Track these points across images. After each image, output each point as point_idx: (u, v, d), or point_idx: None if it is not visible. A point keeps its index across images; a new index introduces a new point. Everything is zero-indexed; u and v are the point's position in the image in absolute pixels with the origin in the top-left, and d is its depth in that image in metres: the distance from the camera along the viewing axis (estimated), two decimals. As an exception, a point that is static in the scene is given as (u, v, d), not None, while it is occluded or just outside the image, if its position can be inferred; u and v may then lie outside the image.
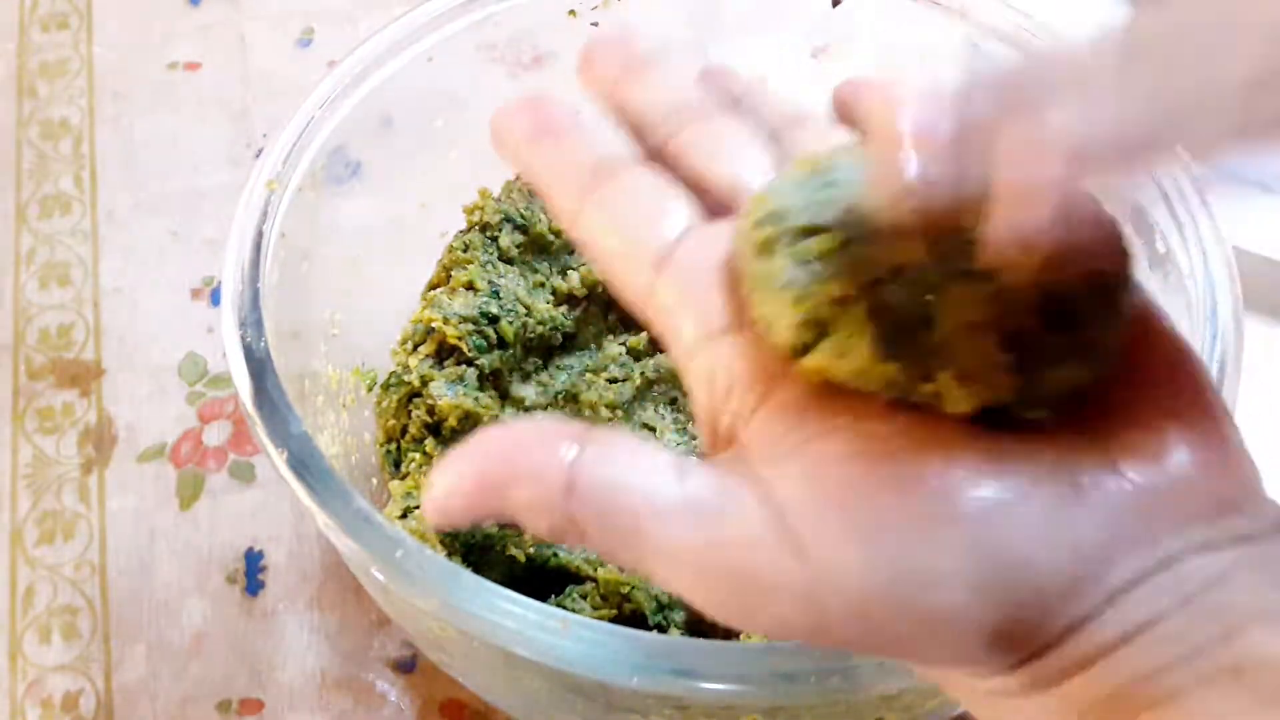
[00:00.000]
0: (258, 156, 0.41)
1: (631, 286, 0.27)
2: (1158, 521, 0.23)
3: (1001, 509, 0.22)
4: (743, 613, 0.23)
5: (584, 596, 0.41)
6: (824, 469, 0.23)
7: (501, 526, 0.42)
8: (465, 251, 0.48)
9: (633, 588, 0.41)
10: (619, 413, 0.46)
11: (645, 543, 0.23)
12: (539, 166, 0.29)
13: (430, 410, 0.44)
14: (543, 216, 0.48)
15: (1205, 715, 0.21)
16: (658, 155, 0.29)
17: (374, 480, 0.46)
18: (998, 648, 0.23)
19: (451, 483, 0.24)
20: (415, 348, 0.46)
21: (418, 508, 0.41)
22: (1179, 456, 0.23)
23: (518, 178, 0.49)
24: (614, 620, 0.40)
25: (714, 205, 0.28)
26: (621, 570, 0.41)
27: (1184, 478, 0.23)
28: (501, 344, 0.46)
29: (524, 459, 0.24)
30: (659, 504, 0.23)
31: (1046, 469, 0.23)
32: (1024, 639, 0.23)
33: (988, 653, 0.23)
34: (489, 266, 0.47)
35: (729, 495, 0.24)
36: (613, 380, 0.47)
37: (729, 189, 0.28)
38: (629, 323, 0.49)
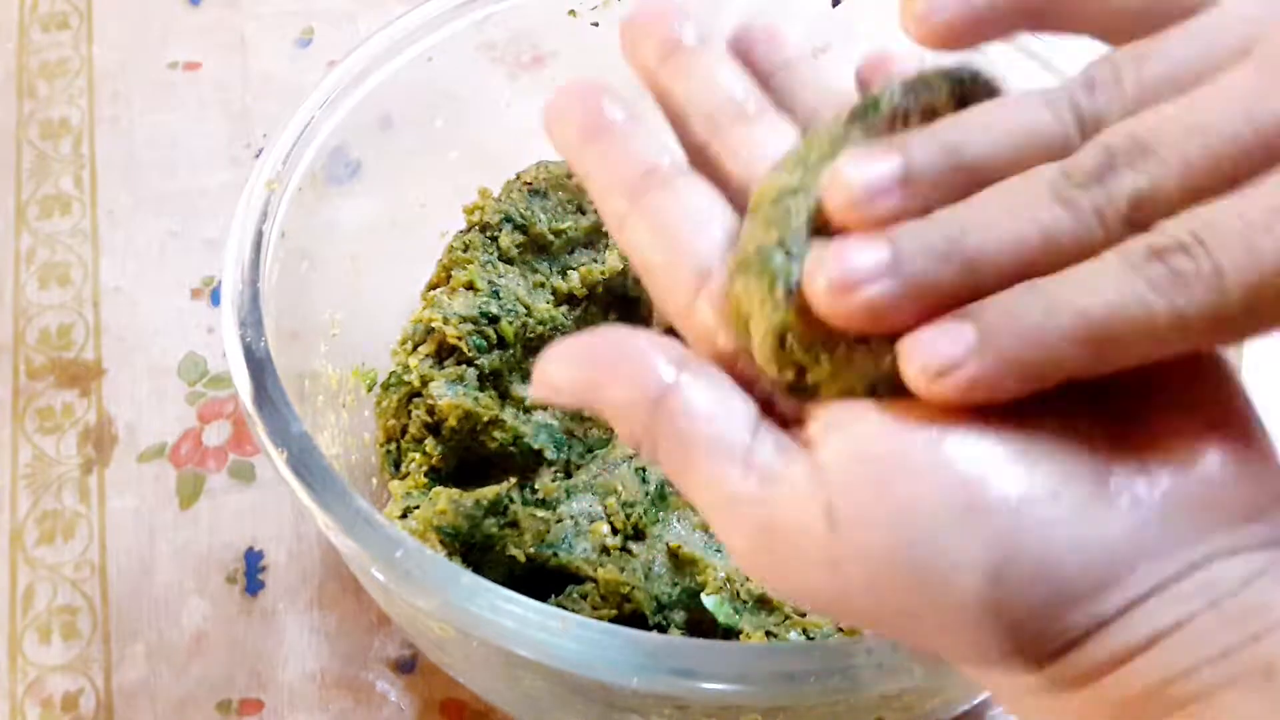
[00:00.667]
0: (258, 156, 0.41)
1: (672, 302, 0.27)
2: (1186, 525, 0.23)
3: (1031, 504, 0.23)
4: (773, 570, 0.25)
5: (584, 596, 0.41)
6: (867, 444, 0.24)
7: (501, 527, 0.42)
8: (465, 251, 0.48)
9: (633, 588, 0.41)
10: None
11: (701, 478, 0.25)
12: (589, 165, 0.29)
13: (430, 410, 0.44)
14: (542, 217, 0.48)
15: (1235, 716, 0.21)
16: (699, 153, 0.29)
17: (374, 480, 0.46)
18: (1014, 643, 0.23)
19: (561, 372, 0.26)
20: (415, 348, 0.46)
21: (418, 507, 0.41)
22: (1210, 461, 0.23)
23: (518, 177, 0.49)
24: (614, 620, 0.40)
25: None
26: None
27: (1214, 482, 0.23)
28: (501, 344, 0.46)
29: (627, 366, 0.25)
30: (726, 447, 0.25)
31: (1079, 466, 0.23)
32: (1042, 637, 0.23)
33: (1003, 648, 0.23)
34: (489, 266, 0.47)
35: (788, 458, 0.24)
36: (613, 380, 0.47)
37: None
38: (629, 322, 0.49)
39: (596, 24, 0.47)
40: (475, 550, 0.41)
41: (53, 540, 0.49)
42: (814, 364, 0.25)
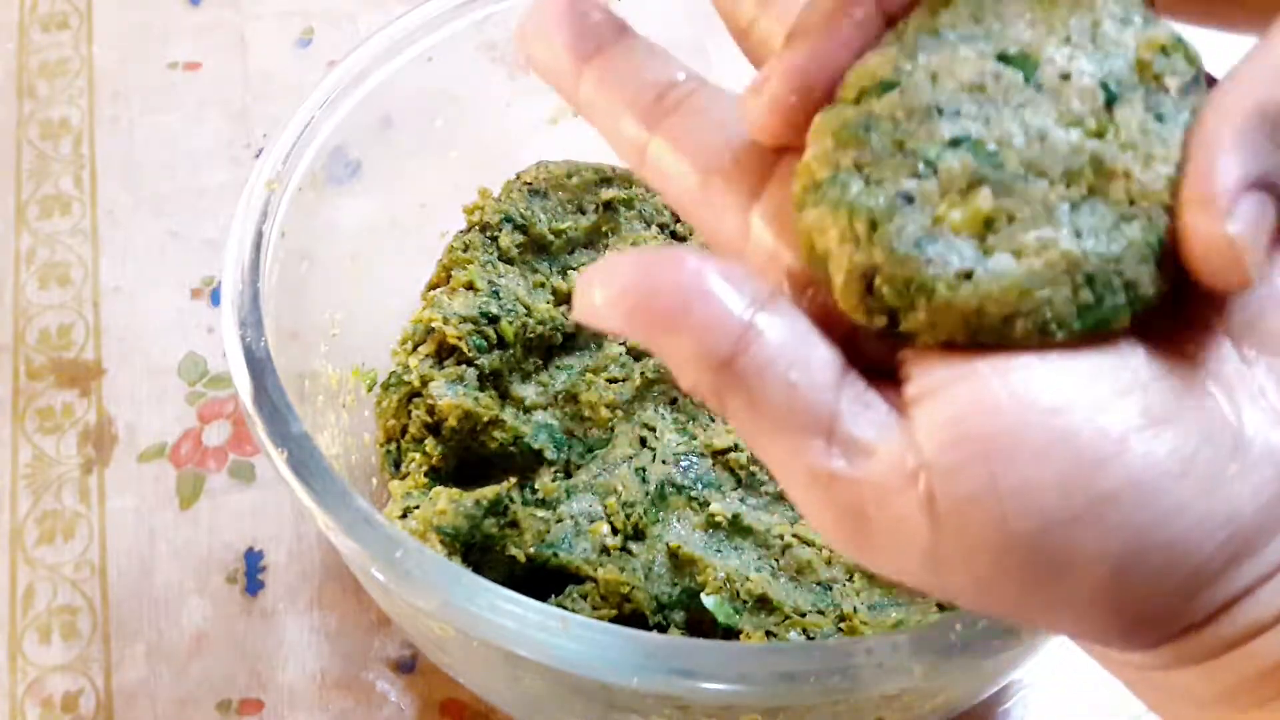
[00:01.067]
0: (258, 156, 0.41)
1: (722, 230, 0.24)
2: None
3: (1161, 486, 0.20)
4: (860, 553, 0.22)
5: (584, 596, 0.41)
6: (972, 418, 0.21)
7: (501, 527, 0.42)
8: (465, 251, 0.48)
9: (633, 588, 0.41)
10: (619, 412, 0.46)
11: (778, 448, 0.22)
12: (588, 90, 0.25)
13: (430, 410, 0.44)
14: (542, 216, 0.48)
15: None
16: (744, 37, 0.26)
17: (374, 480, 0.46)
18: (1137, 630, 0.22)
19: (610, 302, 0.22)
20: (415, 348, 0.46)
21: (418, 507, 0.41)
22: None
23: (518, 177, 0.49)
24: (614, 620, 0.40)
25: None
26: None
27: None
28: (501, 344, 0.46)
29: (699, 309, 0.21)
30: (807, 415, 0.21)
31: (1208, 432, 0.21)
32: (1168, 621, 0.22)
33: (1125, 633, 0.22)
34: (489, 266, 0.47)
35: (880, 428, 0.22)
36: (613, 380, 0.47)
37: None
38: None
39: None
40: (475, 550, 0.41)
41: (53, 540, 0.49)
42: (909, 309, 0.22)
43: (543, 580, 0.42)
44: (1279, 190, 0.21)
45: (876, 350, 0.23)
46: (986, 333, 0.22)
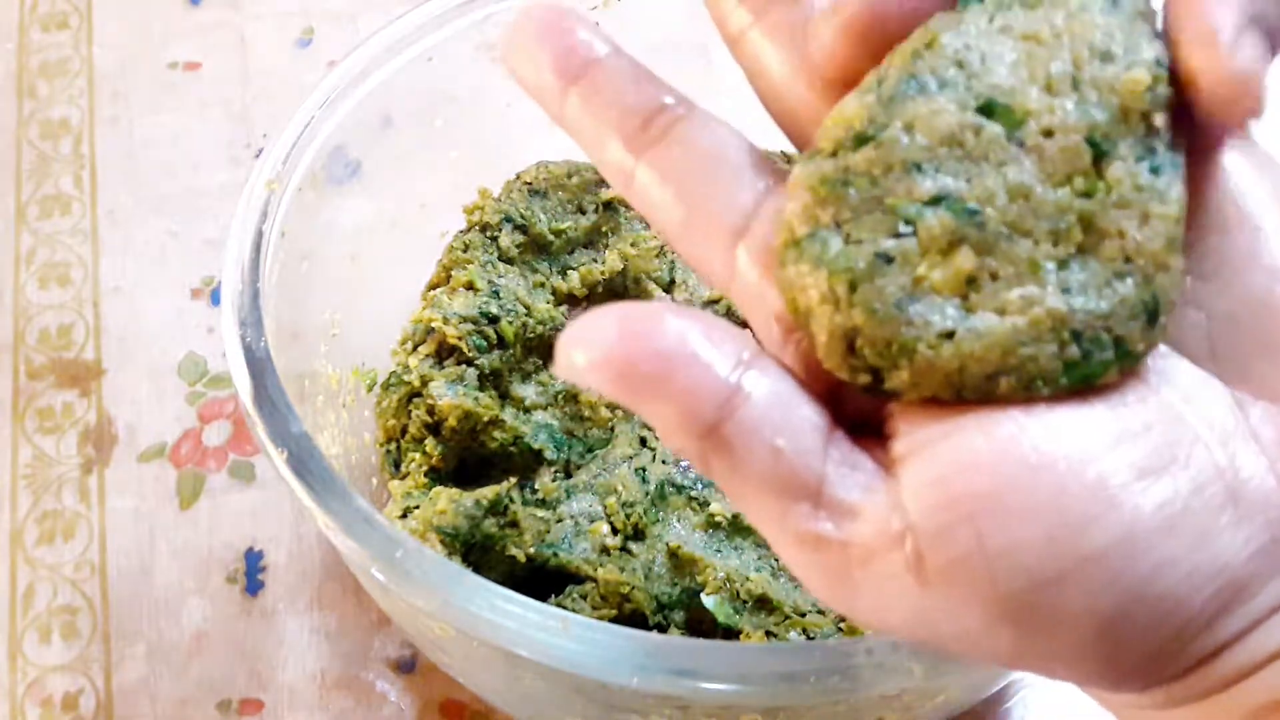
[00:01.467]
0: (258, 156, 0.41)
1: (705, 264, 0.23)
2: None
3: (1150, 542, 0.20)
4: (850, 611, 0.22)
5: (584, 596, 0.41)
6: (954, 478, 0.21)
7: (501, 527, 0.42)
8: (465, 251, 0.48)
9: (633, 588, 0.41)
10: (619, 412, 0.46)
11: (766, 512, 0.21)
12: (574, 112, 0.24)
13: (430, 410, 0.44)
14: (542, 216, 0.48)
15: None
16: (736, 45, 0.25)
17: (374, 480, 0.46)
18: (1127, 678, 0.22)
19: (595, 361, 0.21)
20: (415, 348, 0.46)
21: (418, 507, 0.41)
22: None
23: (518, 177, 0.49)
24: (614, 620, 0.40)
25: (801, 139, 0.24)
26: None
27: None
28: (501, 344, 0.46)
29: (682, 375, 0.21)
30: (794, 480, 0.21)
31: (1203, 471, 0.21)
32: (1158, 670, 0.22)
33: (1115, 683, 0.22)
34: (489, 266, 0.47)
35: (867, 488, 0.21)
36: (613, 380, 0.47)
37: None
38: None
39: (597, 24, 0.47)
40: (475, 550, 0.41)
41: (53, 540, 0.49)
42: (891, 369, 0.22)
43: (543, 580, 0.42)
44: (1272, 29, 0.21)
45: (862, 402, 0.22)
46: (971, 390, 0.21)
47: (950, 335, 0.21)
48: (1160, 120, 0.22)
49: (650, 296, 0.48)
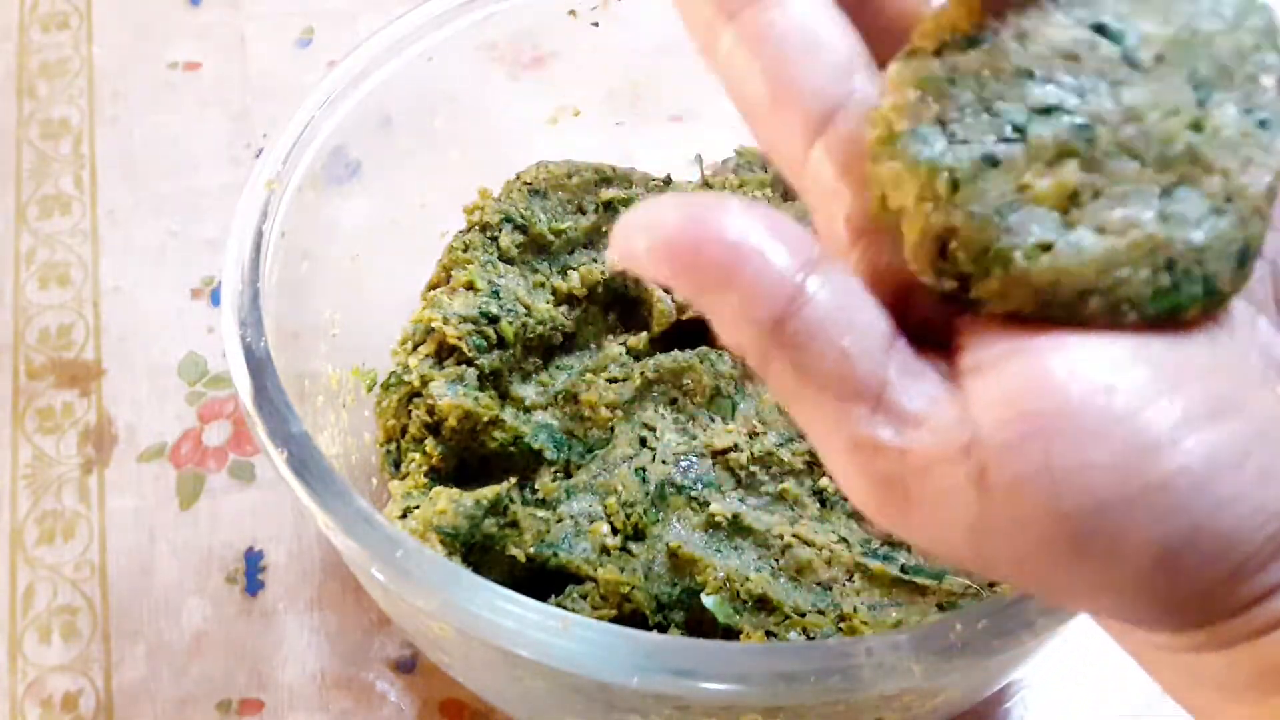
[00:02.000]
0: (258, 156, 0.41)
1: (780, 150, 0.22)
2: None
3: (1217, 475, 0.20)
4: (896, 521, 0.22)
5: (584, 596, 0.41)
6: (1027, 395, 0.20)
7: (501, 527, 0.42)
8: (465, 251, 0.48)
9: (633, 588, 0.41)
10: (619, 412, 0.46)
11: (820, 413, 0.21)
12: None
13: (430, 410, 0.44)
14: (542, 216, 0.48)
15: None
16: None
17: (374, 480, 0.46)
18: (1176, 614, 0.22)
19: (657, 246, 0.20)
20: (415, 348, 0.46)
21: (418, 507, 0.41)
22: None
23: (518, 177, 0.49)
24: (614, 620, 0.40)
25: (896, 31, 0.23)
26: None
27: None
28: (501, 344, 0.46)
29: (749, 267, 0.20)
30: (854, 380, 0.21)
31: (1269, 415, 0.21)
32: (1208, 608, 0.21)
33: (1162, 617, 0.22)
34: (489, 266, 0.47)
35: (932, 399, 0.21)
36: (613, 380, 0.47)
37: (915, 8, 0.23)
38: (629, 322, 0.49)
39: (596, 24, 0.47)
40: (475, 550, 0.41)
41: (53, 540, 0.49)
42: (982, 276, 0.21)
43: (543, 580, 0.42)
44: None
45: (927, 313, 0.22)
46: (1058, 307, 0.21)
47: (1048, 248, 0.21)
48: (1268, 81, 0.22)
49: (651, 296, 0.48)
